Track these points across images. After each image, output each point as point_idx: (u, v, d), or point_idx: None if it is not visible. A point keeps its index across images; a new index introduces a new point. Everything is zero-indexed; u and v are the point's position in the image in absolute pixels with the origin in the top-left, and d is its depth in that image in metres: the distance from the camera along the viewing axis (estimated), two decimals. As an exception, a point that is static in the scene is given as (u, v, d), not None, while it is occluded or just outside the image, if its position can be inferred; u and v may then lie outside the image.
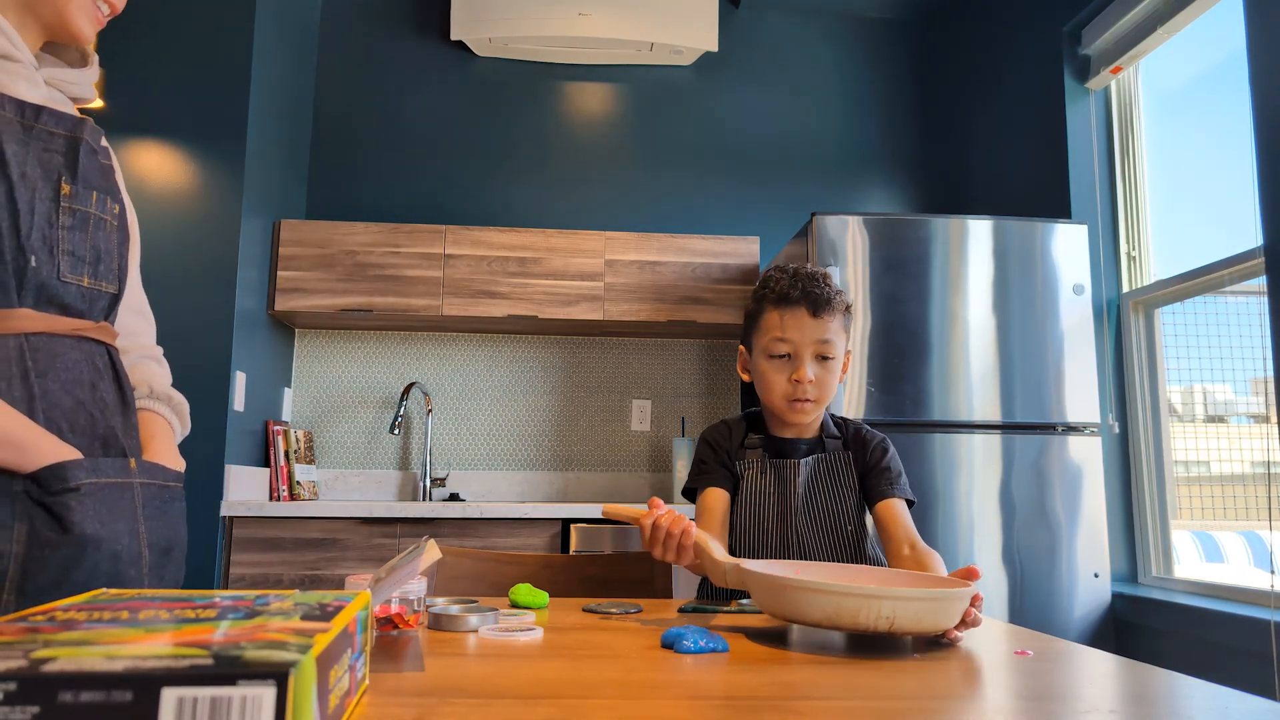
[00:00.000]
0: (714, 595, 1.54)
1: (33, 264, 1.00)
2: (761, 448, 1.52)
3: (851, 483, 1.49)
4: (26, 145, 1.02)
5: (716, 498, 1.50)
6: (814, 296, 1.43)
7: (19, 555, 0.96)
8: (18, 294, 1.00)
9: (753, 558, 1.46)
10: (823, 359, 1.44)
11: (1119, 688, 0.87)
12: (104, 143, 1.12)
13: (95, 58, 1.20)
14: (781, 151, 3.81)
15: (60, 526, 0.99)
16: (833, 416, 1.56)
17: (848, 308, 1.48)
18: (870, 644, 1.06)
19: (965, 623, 1.04)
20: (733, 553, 1.49)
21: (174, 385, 2.89)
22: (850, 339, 1.52)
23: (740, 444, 1.54)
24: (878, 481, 1.46)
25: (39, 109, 1.03)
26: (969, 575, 1.11)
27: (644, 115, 3.78)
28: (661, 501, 1.28)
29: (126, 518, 1.06)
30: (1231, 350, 2.64)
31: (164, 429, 1.24)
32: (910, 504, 1.47)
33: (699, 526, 1.33)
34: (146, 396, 1.24)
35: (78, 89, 1.15)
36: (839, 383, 1.47)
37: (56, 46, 1.19)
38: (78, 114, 1.10)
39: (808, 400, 1.43)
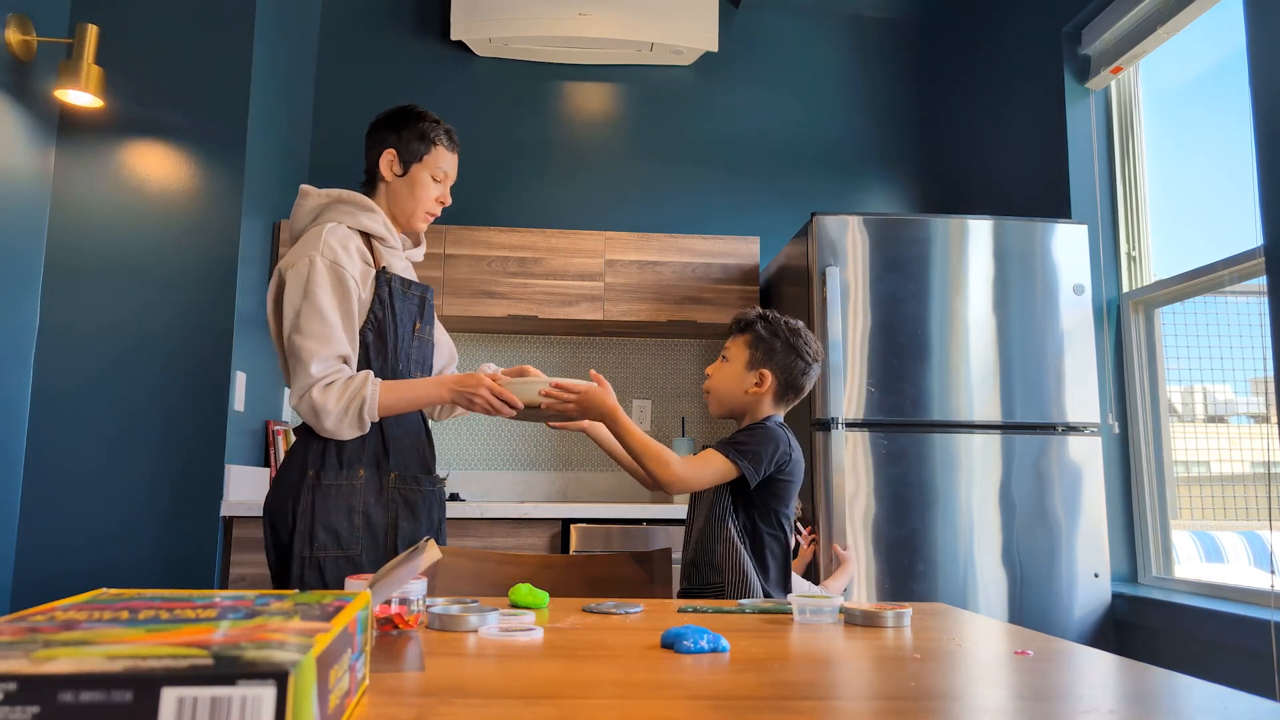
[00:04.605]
0: (693, 595, 1.71)
1: (400, 368, 1.79)
2: None
3: None
4: (403, 301, 1.80)
5: None
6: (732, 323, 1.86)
7: (392, 529, 1.73)
8: None
9: None
10: (722, 359, 1.83)
11: (1119, 688, 0.87)
12: (432, 297, 1.92)
13: (424, 241, 1.96)
14: (781, 151, 3.81)
15: (411, 512, 1.77)
16: (768, 419, 1.77)
17: (761, 338, 1.77)
18: (870, 644, 1.06)
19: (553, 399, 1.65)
20: None
21: (175, 385, 2.89)
22: (770, 363, 1.76)
23: None
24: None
25: (407, 281, 1.82)
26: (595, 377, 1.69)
27: (644, 115, 3.78)
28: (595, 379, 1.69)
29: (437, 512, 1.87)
30: (1231, 350, 2.64)
31: None
32: (740, 473, 1.66)
33: None
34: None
35: (416, 256, 1.95)
36: (744, 392, 1.77)
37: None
38: (418, 279, 1.89)
39: (707, 392, 1.84)
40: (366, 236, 1.80)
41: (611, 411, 1.67)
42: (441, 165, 1.86)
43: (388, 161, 1.83)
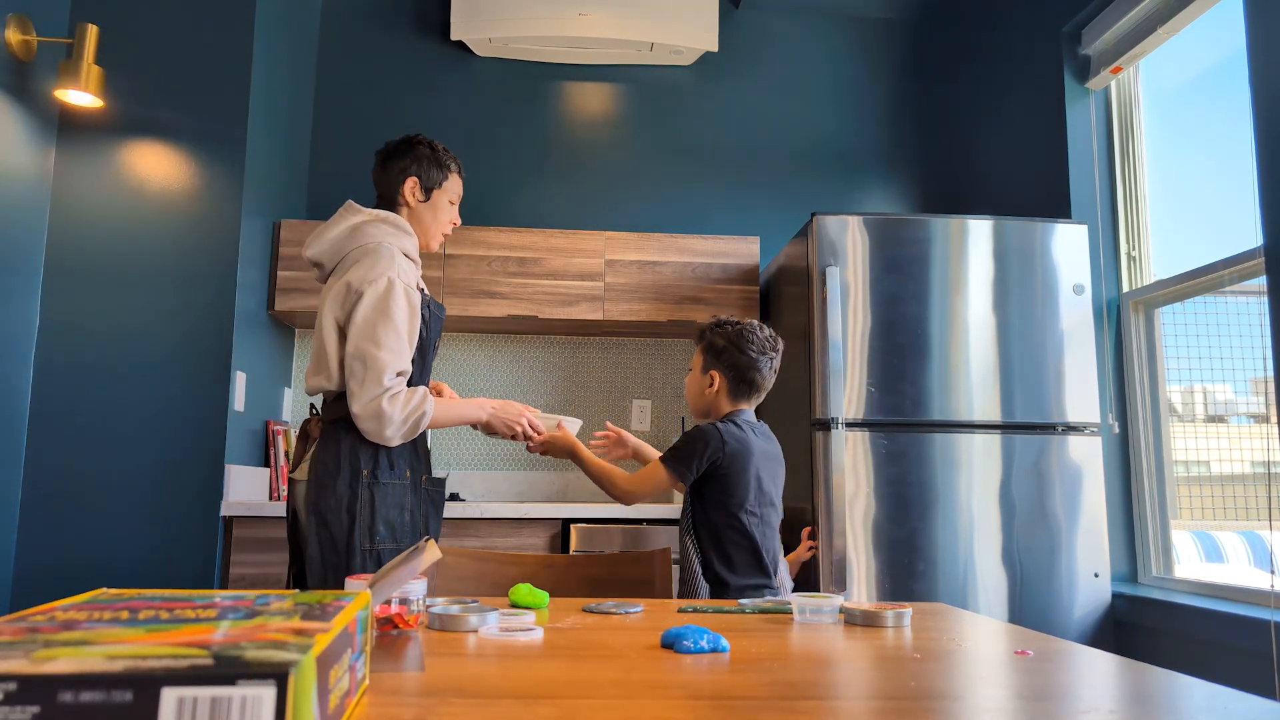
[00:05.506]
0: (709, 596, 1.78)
1: (425, 383, 1.95)
2: None
3: None
4: (435, 323, 1.95)
5: None
6: None
7: (425, 524, 1.88)
8: None
9: None
10: (689, 370, 2.02)
11: (1119, 688, 0.87)
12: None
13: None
14: (781, 151, 3.81)
15: (436, 511, 1.93)
16: (724, 418, 1.91)
17: (708, 343, 1.96)
18: (870, 644, 1.06)
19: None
20: None
21: (175, 385, 2.90)
22: (718, 363, 1.94)
23: None
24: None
25: (438, 304, 1.97)
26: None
27: (644, 115, 3.78)
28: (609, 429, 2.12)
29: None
30: (1231, 350, 2.64)
31: None
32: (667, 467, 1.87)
33: None
34: None
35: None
36: (703, 394, 1.95)
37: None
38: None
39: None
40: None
41: (573, 448, 1.97)
42: (456, 189, 2.05)
43: (411, 188, 1.98)
